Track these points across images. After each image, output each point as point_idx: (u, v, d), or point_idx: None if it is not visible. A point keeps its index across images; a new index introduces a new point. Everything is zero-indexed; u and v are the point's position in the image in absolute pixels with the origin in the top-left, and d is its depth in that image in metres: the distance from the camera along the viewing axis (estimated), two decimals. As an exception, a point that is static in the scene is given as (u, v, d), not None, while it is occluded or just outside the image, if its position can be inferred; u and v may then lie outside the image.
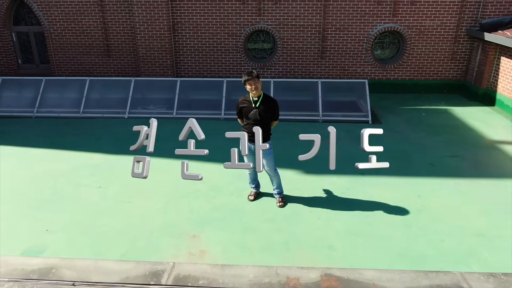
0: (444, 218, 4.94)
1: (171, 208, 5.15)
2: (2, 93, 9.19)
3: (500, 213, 5.04)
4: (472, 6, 9.76)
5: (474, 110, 9.26)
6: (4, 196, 5.48)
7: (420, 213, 5.08)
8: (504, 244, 4.35)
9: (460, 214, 5.04)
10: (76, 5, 10.37)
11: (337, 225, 4.78)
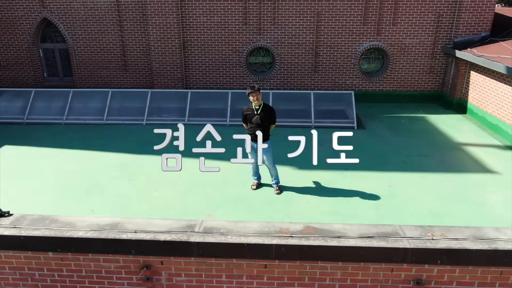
0: (408, 203, 6.22)
1: (190, 195, 6.43)
2: (35, 103, 10.51)
3: (454, 200, 6.31)
4: (446, 27, 11.14)
5: (447, 118, 10.59)
6: (51, 187, 6.75)
7: (390, 198, 6.35)
8: (451, 219, 5.63)
9: (422, 200, 6.32)
10: (97, 25, 11.74)
11: (322, 207, 6.06)
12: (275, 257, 3.85)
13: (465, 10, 10.76)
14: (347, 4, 11.08)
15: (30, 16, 11.79)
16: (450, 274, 3.85)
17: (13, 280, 4.21)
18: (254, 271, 3.97)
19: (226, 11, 11.34)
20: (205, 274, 4.03)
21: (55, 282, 4.19)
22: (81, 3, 11.54)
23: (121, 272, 4.08)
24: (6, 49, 12.23)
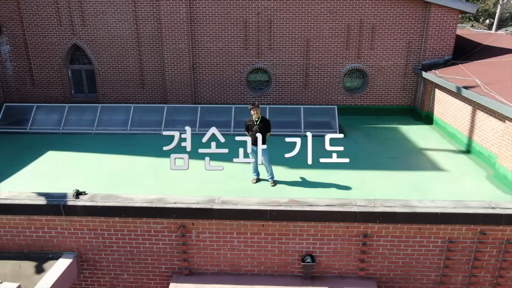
0: (373, 191, 8.12)
1: (203, 188, 8.30)
2: (69, 116, 12.46)
3: (409, 190, 8.21)
4: (415, 51, 13.20)
5: (417, 128, 12.57)
6: (98, 182, 8.64)
7: (360, 189, 8.25)
8: (401, 202, 7.55)
9: (385, 189, 8.22)
10: (119, 49, 13.76)
11: (308, 195, 7.96)
12: (269, 219, 5.75)
13: (430, 37, 12.83)
14: (332, 32, 13.15)
15: (62, 42, 13.81)
16: (386, 230, 5.75)
17: (89, 238, 6.08)
18: (255, 229, 5.85)
19: (229, 38, 13.39)
20: (222, 232, 5.92)
21: (118, 239, 6.06)
22: (106, 31, 13.57)
23: (164, 231, 5.97)
24: (40, 70, 14.22)
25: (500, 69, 10.99)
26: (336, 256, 5.92)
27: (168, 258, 6.13)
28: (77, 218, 5.99)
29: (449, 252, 5.82)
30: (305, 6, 12.93)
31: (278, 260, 6.00)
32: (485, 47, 13.78)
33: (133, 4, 13.22)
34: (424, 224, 5.69)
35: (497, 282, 5.96)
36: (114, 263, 6.22)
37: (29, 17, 13.60)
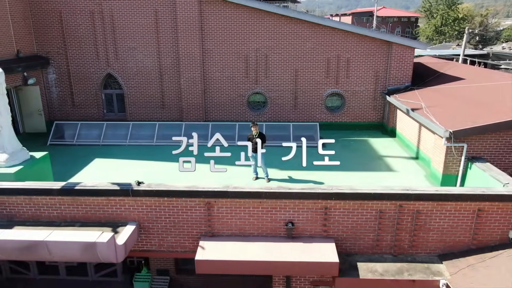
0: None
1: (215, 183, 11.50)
2: (106, 131, 15.71)
3: (366, 183, 11.45)
4: (382, 79, 16.57)
5: (383, 140, 15.85)
6: (127, 180, 11.81)
7: (333, 182, 11.46)
8: (357, 191, 10.76)
9: (349, 184, 11.44)
10: (144, 77, 17.08)
11: (291, 186, 11.16)
12: (264, 198, 8.93)
13: (393, 68, 16.21)
14: (315, 64, 16.52)
15: (99, 72, 17.14)
16: (339, 204, 8.93)
17: (146, 212, 9.24)
18: (255, 205, 9.02)
19: (233, 68, 16.75)
20: (233, 207, 9.07)
21: (165, 213, 9.21)
22: (134, 63, 16.92)
23: (196, 207, 9.13)
24: (79, 94, 17.51)
25: (443, 95, 14.33)
26: (307, 223, 9.10)
27: (198, 225, 9.30)
28: (139, 198, 9.17)
29: (380, 219, 9.01)
30: (293, 44, 16.33)
31: (270, 226, 9.18)
32: (439, 75, 17.17)
33: (157, 41, 16.60)
34: (363, 200, 8.89)
35: (413, 240, 9.13)
36: (161, 229, 9.37)
37: (72, 52, 16.96)
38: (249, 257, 8.70)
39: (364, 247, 9.29)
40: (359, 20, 78.96)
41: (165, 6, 16.14)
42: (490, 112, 11.50)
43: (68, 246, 7.89)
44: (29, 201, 9.30)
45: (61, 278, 13.59)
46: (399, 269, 8.92)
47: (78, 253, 7.97)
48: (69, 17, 16.56)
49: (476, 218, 8.96)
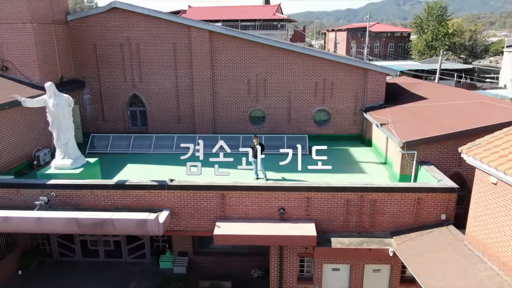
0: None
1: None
2: (134, 142, 19.14)
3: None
4: (360, 99, 20.05)
5: (361, 149, 19.26)
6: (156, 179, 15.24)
7: (316, 179, 14.87)
8: (334, 188, 14.20)
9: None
10: (164, 97, 20.56)
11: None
12: (263, 190, 12.33)
13: (369, 90, 19.72)
14: (305, 86, 20.02)
15: (125, 92, 20.64)
16: (318, 195, 12.32)
17: (176, 201, 12.61)
18: (256, 195, 12.42)
19: (238, 89, 20.24)
20: (241, 197, 12.45)
21: (191, 202, 12.59)
22: (156, 85, 20.41)
23: (213, 197, 12.53)
24: (109, 111, 20.97)
25: (406, 112, 17.81)
26: (294, 209, 12.49)
27: (214, 211, 12.68)
28: (171, 191, 12.57)
29: (348, 206, 12.41)
30: (287, 70, 19.87)
31: (267, 211, 12.57)
32: (409, 95, 20.66)
33: (175, 68, 20.13)
34: (335, 192, 12.31)
35: (372, 221, 12.51)
36: (188, 214, 12.75)
37: (104, 76, 20.49)
38: (252, 232, 12.10)
39: (336, 226, 12.71)
40: (354, 35, 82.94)
41: (182, 39, 19.70)
42: (437, 126, 14.94)
43: (127, 222, 11.30)
44: (91, 193, 12.73)
45: (100, 260, 16.97)
46: (361, 242, 12.33)
47: (134, 228, 11.39)
48: (102, 48, 20.10)
49: (417, 205, 12.41)
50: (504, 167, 9.42)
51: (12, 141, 15.75)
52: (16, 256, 15.94)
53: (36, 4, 17.31)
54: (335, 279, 13.58)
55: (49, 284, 15.40)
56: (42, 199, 12.28)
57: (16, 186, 12.82)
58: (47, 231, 13.05)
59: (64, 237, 16.77)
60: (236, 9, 50.70)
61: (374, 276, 13.47)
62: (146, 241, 16.59)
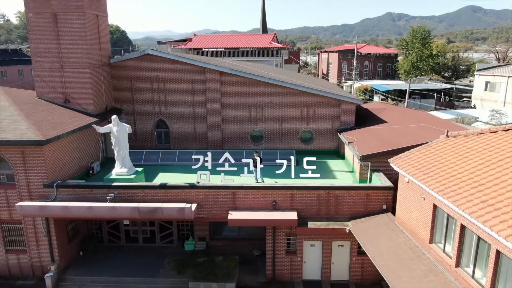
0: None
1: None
2: (162, 156, 24.91)
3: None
4: (336, 122, 25.94)
5: (336, 161, 25.06)
6: (175, 182, 21.01)
7: (300, 181, 20.64)
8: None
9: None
10: (184, 121, 26.41)
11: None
12: (261, 189, 18.06)
13: (342, 115, 25.63)
14: (294, 112, 25.92)
15: (153, 118, 26.49)
16: (299, 192, 18.04)
17: (202, 197, 18.29)
18: (257, 192, 18.13)
19: (241, 115, 26.12)
20: (246, 194, 18.14)
21: (211, 198, 18.26)
22: (177, 112, 26.28)
23: (227, 194, 18.23)
24: (140, 132, 26.77)
25: (369, 133, 23.67)
26: (283, 201, 18.22)
27: (227, 204, 18.39)
28: (198, 190, 18.31)
29: (319, 200, 18.15)
30: (279, 100, 25.80)
31: (264, 203, 18.28)
32: (375, 118, 26.56)
33: (192, 98, 26.03)
34: (310, 190, 18.07)
35: (336, 210, 18.24)
36: (210, 206, 18.43)
37: (137, 105, 26.37)
38: (254, 217, 17.84)
39: (311, 214, 18.46)
40: (345, 56, 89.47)
41: (199, 77, 25.65)
42: (387, 144, 20.73)
43: (171, 209, 17.03)
44: (142, 192, 18.48)
45: (139, 245, 22.60)
46: (328, 224, 18.07)
47: (175, 213, 17.11)
48: (136, 83, 26.02)
49: (366, 199, 18.18)
50: (411, 172, 15.25)
51: (76, 156, 21.50)
52: (78, 241, 21.58)
53: (91, 54, 23.24)
54: (312, 253, 19.26)
55: (103, 261, 20.98)
56: (110, 195, 18.01)
57: (90, 187, 18.59)
58: (116, 216, 18.67)
59: (112, 227, 22.45)
60: (236, 37, 57.04)
61: (339, 250, 19.16)
62: (174, 230, 22.28)
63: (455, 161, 14.50)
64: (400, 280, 13.39)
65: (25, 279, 19.94)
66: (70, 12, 22.10)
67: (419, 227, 15.20)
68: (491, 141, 14.82)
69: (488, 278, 11.27)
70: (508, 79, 52.09)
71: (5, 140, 17.90)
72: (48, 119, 20.36)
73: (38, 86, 23.21)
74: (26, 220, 19.29)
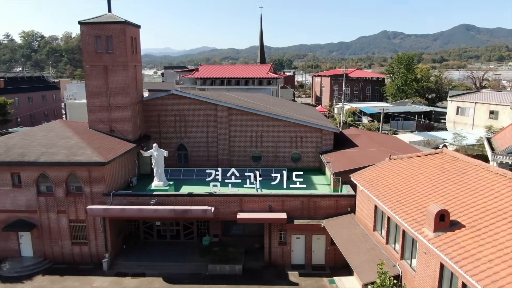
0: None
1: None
2: (183, 173, 32.07)
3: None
4: (319, 146, 33.28)
5: (319, 176, 32.25)
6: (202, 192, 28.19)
7: (289, 191, 27.82)
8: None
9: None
10: (200, 145, 33.66)
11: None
12: (261, 196, 25.20)
13: (323, 141, 33.01)
14: (286, 138, 33.24)
15: (175, 143, 33.75)
16: (288, 198, 25.18)
17: (218, 202, 25.39)
18: (257, 199, 25.24)
19: (245, 141, 33.41)
20: (250, 200, 25.23)
21: (228, 204, 25.38)
22: (194, 137, 33.56)
23: (236, 199, 25.34)
24: (165, 153, 33.98)
25: (342, 154, 30.94)
26: (276, 205, 25.30)
27: (236, 207, 25.45)
28: (215, 197, 25.43)
29: (302, 204, 25.28)
30: (274, 129, 33.17)
31: (263, 206, 25.37)
32: (349, 142, 33.90)
33: (206, 127, 33.38)
34: (295, 197, 25.22)
35: (315, 212, 25.35)
36: (223, 208, 25.43)
37: (163, 132, 33.69)
38: (256, 216, 24.99)
39: (297, 214, 25.61)
40: (336, 80, 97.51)
41: (211, 111, 33.03)
42: (354, 163, 27.91)
43: (198, 210, 24.16)
44: (175, 199, 25.65)
45: (167, 241, 29.65)
46: (308, 221, 25.23)
47: (200, 213, 24.23)
48: (162, 116, 33.36)
49: (336, 203, 25.39)
50: (362, 184, 22.47)
51: (122, 173, 28.65)
52: (122, 237, 28.59)
53: (131, 95, 30.60)
54: (298, 243, 26.30)
55: (141, 252, 27.96)
56: (153, 201, 25.14)
57: (137, 195, 25.74)
58: (158, 216, 25.63)
59: (147, 227, 29.49)
60: (238, 67, 64.93)
61: (318, 241, 26.20)
62: (194, 228, 29.33)
63: (390, 176, 21.77)
64: (352, 253, 20.53)
65: (86, 265, 26.86)
66: (117, 65, 29.56)
67: (367, 221, 22.36)
68: (415, 162, 22.12)
69: (399, 248, 18.41)
70: (475, 105, 59.78)
71: (78, 162, 25.11)
72: (103, 145, 27.62)
73: (91, 119, 30.55)
74: (89, 220, 26.34)
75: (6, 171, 25.83)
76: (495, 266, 12.61)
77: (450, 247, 14.31)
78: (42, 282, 24.76)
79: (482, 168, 18.68)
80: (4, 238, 26.79)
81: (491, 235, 14.03)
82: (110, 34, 29.08)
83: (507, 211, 14.94)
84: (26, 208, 26.34)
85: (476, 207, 15.95)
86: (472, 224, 15.01)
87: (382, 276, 16.36)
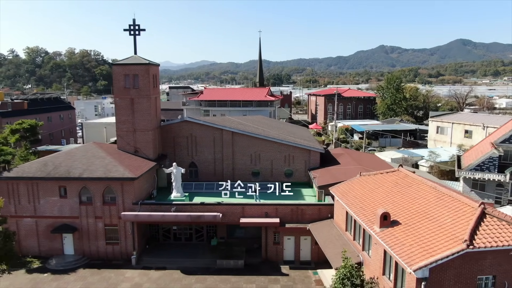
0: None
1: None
2: (194, 187, 38.50)
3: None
4: (307, 163, 39.75)
5: (308, 189, 38.66)
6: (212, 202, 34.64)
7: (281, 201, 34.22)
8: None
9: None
10: (208, 162, 40.15)
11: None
12: (259, 205, 31.57)
13: (311, 159, 39.49)
14: (280, 157, 39.78)
15: (187, 161, 40.23)
16: (280, 207, 31.55)
17: (227, 208, 31.77)
18: (256, 207, 31.63)
19: (245, 159, 39.94)
20: (250, 208, 31.61)
21: (232, 210, 31.75)
22: (204, 156, 40.05)
23: (239, 208, 31.72)
24: (178, 170, 40.45)
25: (327, 170, 37.40)
26: (271, 212, 31.67)
27: (239, 214, 31.75)
28: (222, 206, 31.82)
29: (292, 212, 31.67)
30: (271, 149, 39.74)
31: (260, 213, 31.71)
32: (333, 160, 40.41)
33: (213, 148, 39.94)
34: (286, 206, 31.62)
35: (301, 217, 31.70)
36: (229, 215, 31.83)
37: (177, 152, 40.24)
38: (255, 221, 31.40)
39: (288, 219, 32.03)
40: (330, 99, 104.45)
41: (218, 134, 39.62)
42: (335, 178, 34.34)
43: (209, 216, 30.56)
44: (190, 207, 32.11)
45: (182, 242, 36.02)
46: (297, 225, 31.64)
47: (211, 218, 30.63)
48: (177, 138, 39.93)
49: (319, 211, 31.85)
50: (338, 195, 28.94)
51: (146, 186, 35.09)
52: (145, 239, 34.92)
53: (153, 122, 37.21)
54: (289, 243, 32.61)
55: (161, 251, 34.27)
56: (173, 208, 31.54)
57: (160, 204, 32.16)
58: (177, 220, 31.94)
59: (165, 231, 35.84)
60: (238, 90, 71.90)
61: (305, 241, 32.51)
62: (204, 232, 35.67)
63: (358, 189, 28.25)
64: (328, 248, 26.92)
65: (117, 260, 33.11)
66: (141, 98, 36.25)
67: (341, 224, 28.75)
68: (378, 178, 28.62)
69: (361, 242, 24.81)
70: (452, 125, 66.51)
71: (114, 177, 31.59)
72: (132, 164, 34.14)
73: (119, 141, 37.12)
74: (120, 224, 32.68)
75: (55, 185, 32.28)
76: (412, 248, 19.04)
77: (389, 238, 20.73)
78: (84, 274, 31.00)
79: (422, 183, 25.18)
80: (51, 239, 33.10)
81: (415, 229, 20.47)
82: (137, 73, 35.85)
83: (430, 213, 21.39)
84: (70, 214, 32.73)
85: (411, 210, 22.42)
86: (405, 222, 21.46)
87: (345, 260, 22.73)
